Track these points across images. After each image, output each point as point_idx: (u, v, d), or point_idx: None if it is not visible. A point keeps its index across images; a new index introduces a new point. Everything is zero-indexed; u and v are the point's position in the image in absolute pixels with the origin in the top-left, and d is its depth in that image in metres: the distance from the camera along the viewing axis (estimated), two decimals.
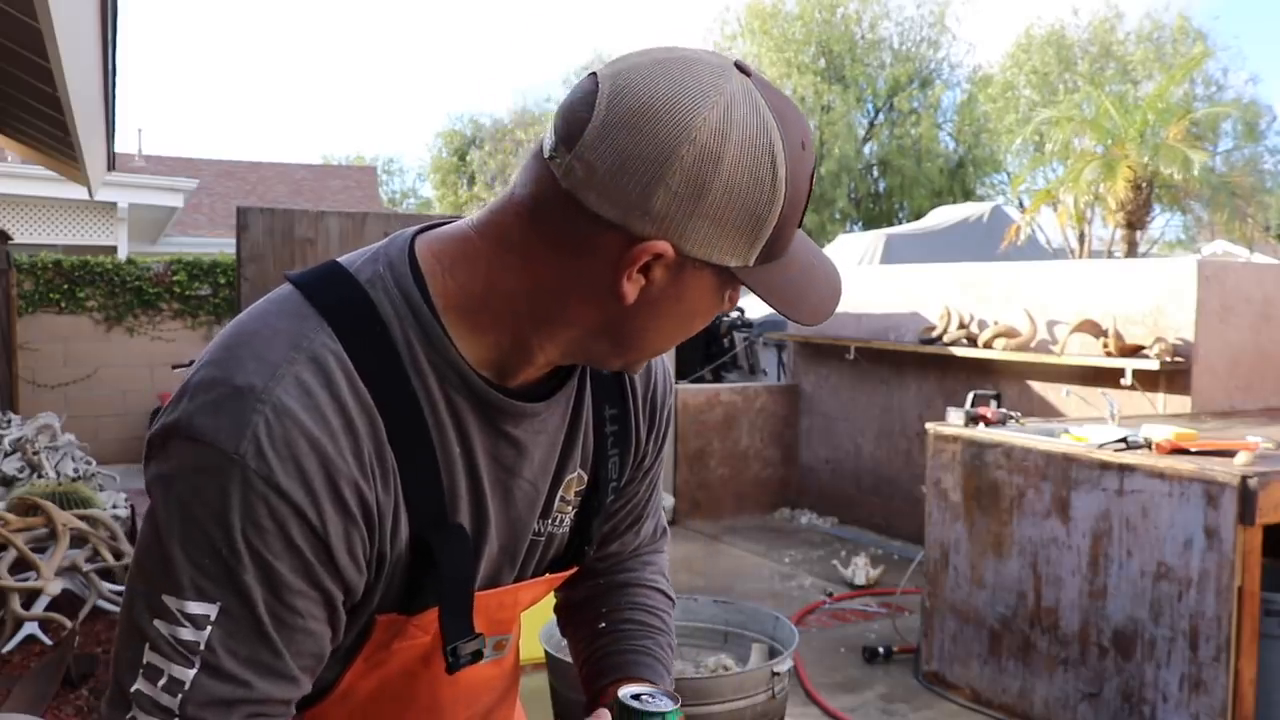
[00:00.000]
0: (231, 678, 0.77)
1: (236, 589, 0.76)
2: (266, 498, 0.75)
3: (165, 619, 0.76)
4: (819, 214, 20.97)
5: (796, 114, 0.81)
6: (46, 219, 12.51)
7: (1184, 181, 12.97)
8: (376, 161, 35.40)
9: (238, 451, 0.75)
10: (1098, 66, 21.89)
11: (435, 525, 0.86)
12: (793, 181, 0.78)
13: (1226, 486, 3.07)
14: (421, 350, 0.83)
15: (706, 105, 0.75)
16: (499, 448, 0.90)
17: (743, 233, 0.78)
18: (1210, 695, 3.11)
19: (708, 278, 0.81)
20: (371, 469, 0.81)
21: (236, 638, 0.77)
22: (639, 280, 0.80)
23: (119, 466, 7.31)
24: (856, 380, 6.98)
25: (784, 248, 0.82)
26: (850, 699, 3.99)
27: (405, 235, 0.89)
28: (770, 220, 0.78)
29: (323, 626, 0.82)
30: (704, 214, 0.77)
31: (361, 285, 0.84)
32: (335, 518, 0.78)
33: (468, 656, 0.92)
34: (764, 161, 0.77)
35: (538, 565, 1.01)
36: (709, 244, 0.78)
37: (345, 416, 0.79)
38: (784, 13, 22.59)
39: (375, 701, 0.94)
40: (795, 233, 0.82)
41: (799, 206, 0.81)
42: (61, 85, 3.70)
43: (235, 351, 0.80)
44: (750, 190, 0.77)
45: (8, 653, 3.28)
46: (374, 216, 5.17)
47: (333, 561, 0.79)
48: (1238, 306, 5.03)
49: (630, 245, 0.78)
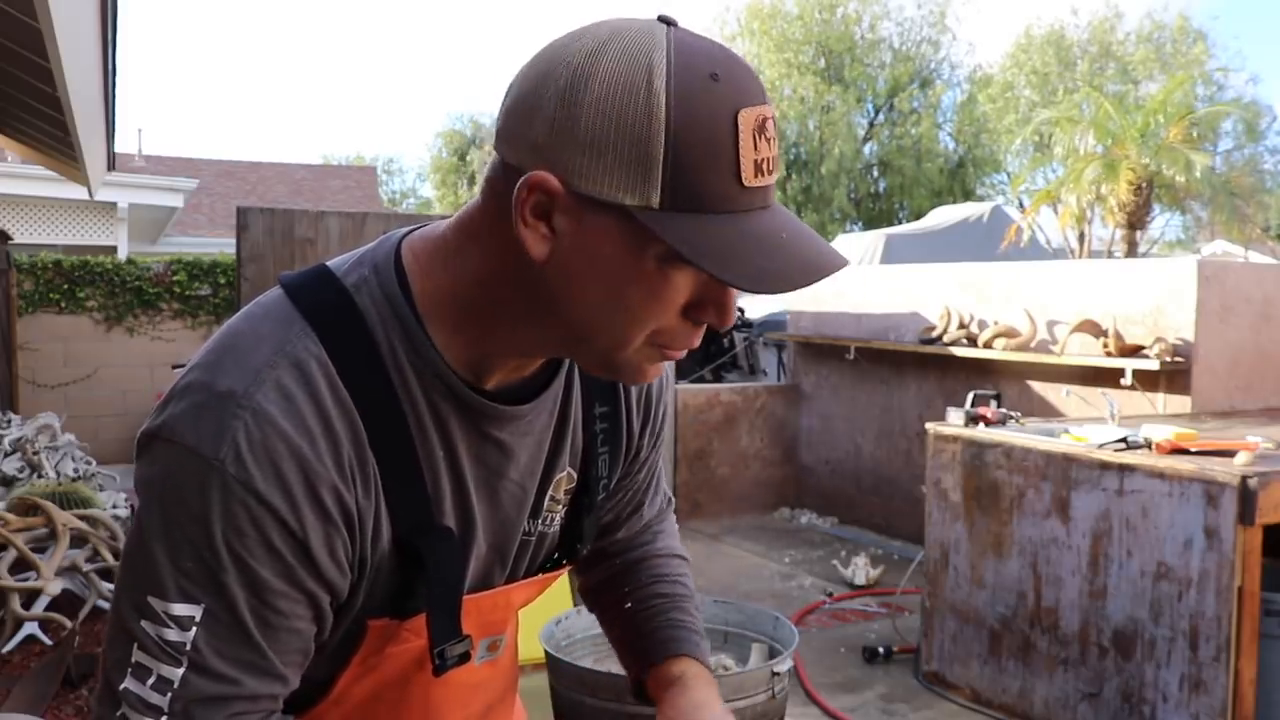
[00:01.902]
0: (220, 676, 0.78)
1: (219, 591, 0.77)
2: (246, 503, 0.76)
3: (151, 619, 0.77)
4: (819, 214, 20.98)
5: (715, 50, 0.75)
6: (46, 219, 12.51)
7: (1184, 182, 12.98)
8: (376, 161, 35.41)
9: (217, 457, 0.76)
10: (1098, 66, 21.90)
11: (420, 529, 0.86)
12: (686, 106, 0.71)
13: (1226, 486, 3.07)
14: (404, 354, 0.84)
15: (590, 34, 0.75)
16: (483, 450, 0.90)
17: (629, 164, 0.72)
18: (1210, 695, 3.11)
19: (612, 225, 0.74)
20: (352, 473, 0.81)
21: (222, 638, 0.78)
22: (539, 229, 0.76)
23: (119, 466, 7.31)
24: (856, 380, 6.98)
25: (710, 199, 0.73)
26: (850, 699, 3.99)
27: (394, 238, 0.89)
28: (655, 146, 0.71)
29: (308, 625, 0.82)
30: (581, 139, 0.72)
31: (347, 289, 0.84)
32: (315, 522, 0.79)
33: (455, 658, 0.92)
34: (638, 76, 0.71)
35: (530, 565, 1.01)
36: (595, 176, 0.72)
37: (325, 421, 0.79)
38: (783, 13, 22.59)
39: (369, 705, 0.94)
40: (736, 190, 0.73)
41: (713, 145, 0.72)
42: (61, 85, 3.70)
43: (220, 356, 0.81)
44: (624, 109, 0.71)
45: (8, 653, 3.28)
46: (374, 216, 5.17)
47: (314, 564, 0.80)
48: (1238, 306, 5.03)
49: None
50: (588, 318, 0.79)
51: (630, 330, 0.79)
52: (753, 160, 0.73)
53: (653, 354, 0.82)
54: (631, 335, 0.79)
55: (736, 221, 0.74)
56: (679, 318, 0.79)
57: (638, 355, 0.82)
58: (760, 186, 0.75)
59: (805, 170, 21.29)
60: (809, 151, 21.39)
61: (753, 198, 0.75)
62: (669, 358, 0.83)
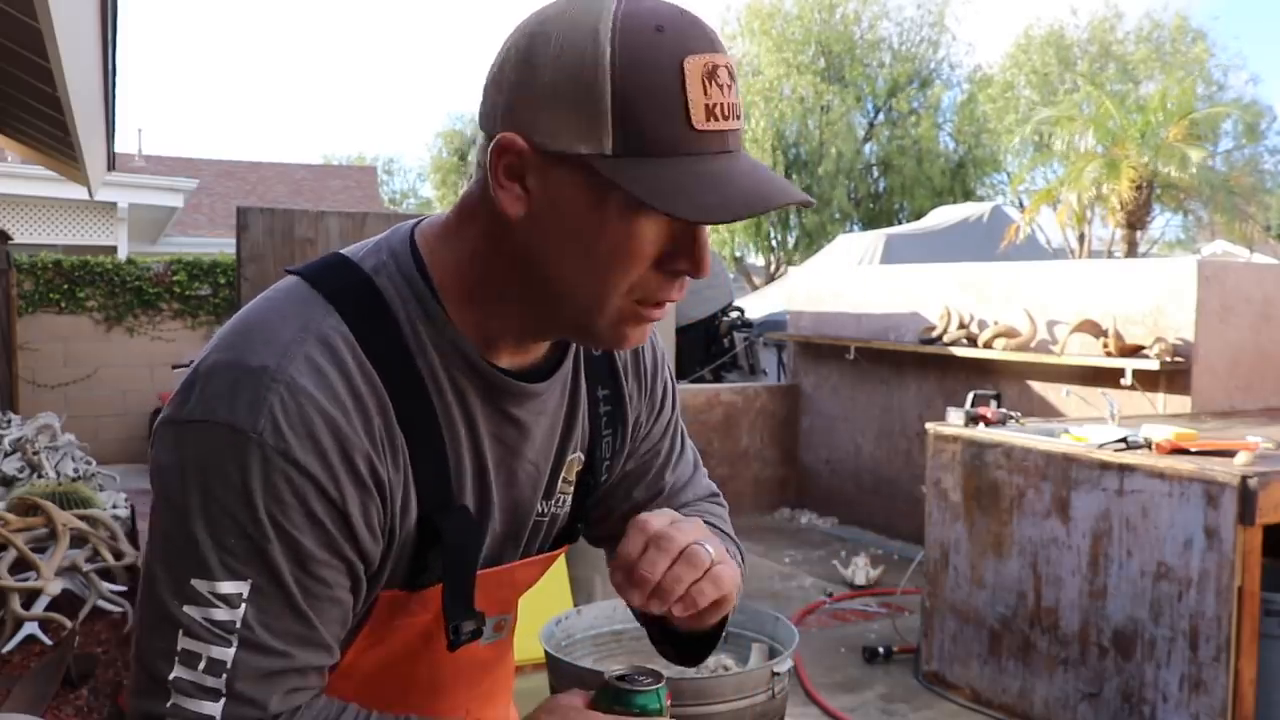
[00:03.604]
0: (272, 651, 0.78)
1: (265, 564, 0.78)
2: (287, 473, 0.77)
3: (196, 603, 0.77)
4: (819, 214, 20.96)
5: (661, 6, 0.77)
6: (46, 219, 12.51)
7: (1184, 182, 12.98)
8: (377, 161, 35.41)
9: (255, 430, 0.77)
10: (1097, 66, 21.90)
11: (441, 505, 0.88)
12: (631, 54, 0.74)
13: (1226, 486, 3.07)
14: (426, 333, 0.86)
15: (548, 2, 0.80)
16: (502, 428, 0.91)
17: (582, 114, 0.75)
18: (1210, 695, 3.11)
19: (576, 177, 0.77)
20: (382, 445, 0.82)
21: (270, 612, 0.78)
22: (514, 190, 0.79)
23: (119, 466, 7.30)
24: (856, 380, 6.98)
25: (660, 143, 0.75)
26: (850, 699, 3.99)
27: (406, 226, 0.91)
28: (603, 94, 0.74)
29: (347, 595, 0.84)
30: (540, 96, 0.76)
31: (366, 272, 0.87)
32: (352, 490, 0.80)
33: (468, 635, 0.93)
34: (587, 31, 0.75)
35: (541, 546, 1.02)
36: (554, 130, 0.76)
37: (355, 394, 0.81)
38: (783, 13, 22.57)
39: (377, 679, 0.95)
40: (687, 133, 0.75)
41: (659, 90, 0.74)
42: (61, 85, 3.70)
43: (244, 337, 0.82)
44: (575, 63, 0.75)
45: (8, 653, 3.28)
46: (374, 216, 5.16)
47: (352, 532, 0.81)
48: (1238, 306, 5.03)
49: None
50: (564, 275, 0.81)
51: (605, 285, 0.80)
52: (703, 104, 0.75)
53: (633, 313, 0.83)
54: (606, 290, 0.81)
55: (689, 163, 0.75)
56: (652, 270, 0.80)
57: (618, 315, 0.82)
58: (715, 131, 0.76)
59: (805, 170, 21.27)
60: (809, 151, 21.37)
61: (707, 141, 0.76)
62: (650, 316, 0.84)
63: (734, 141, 0.78)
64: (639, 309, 0.83)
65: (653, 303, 0.83)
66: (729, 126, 0.77)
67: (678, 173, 0.75)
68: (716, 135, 0.76)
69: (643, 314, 0.83)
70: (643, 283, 0.81)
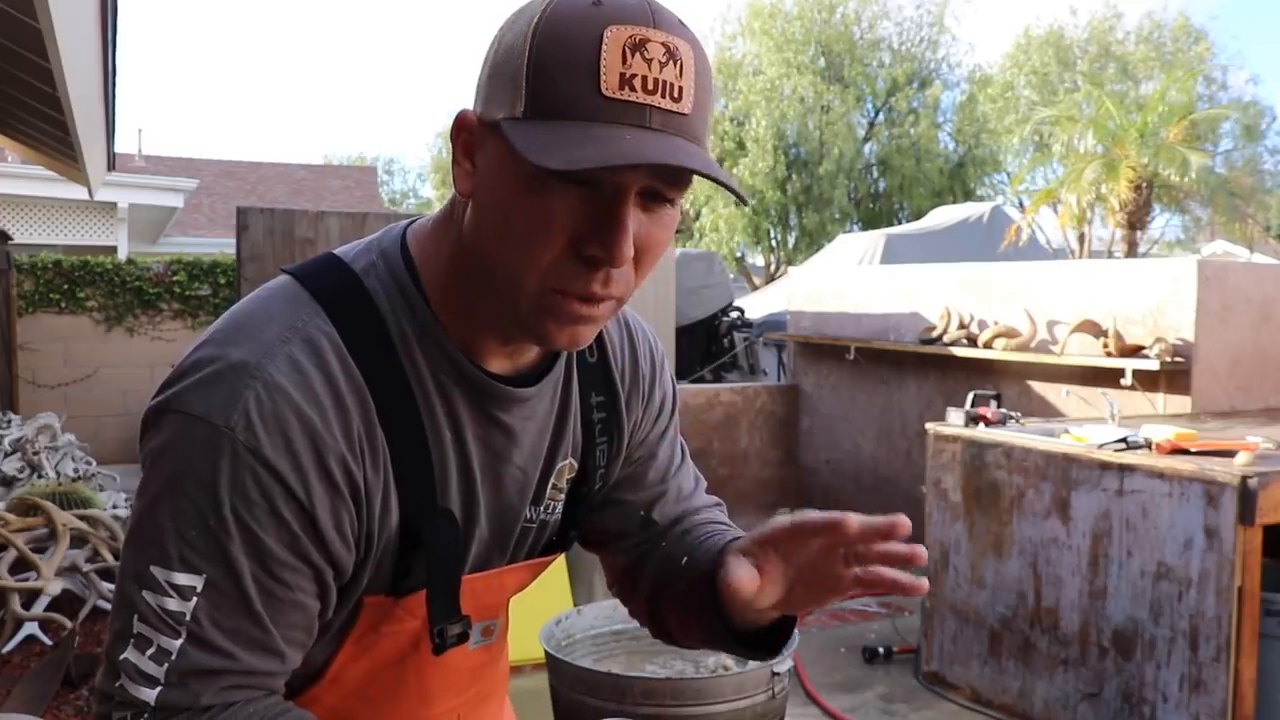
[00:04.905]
0: (217, 649, 0.78)
1: (223, 561, 0.77)
2: (255, 470, 0.77)
3: (153, 590, 0.77)
4: (819, 214, 20.97)
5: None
6: (46, 219, 12.51)
7: (1184, 182, 12.98)
8: (377, 161, 35.42)
9: (228, 425, 0.77)
10: (1097, 66, 21.89)
11: (425, 509, 0.87)
12: (554, 24, 0.73)
13: (1226, 486, 3.07)
14: (414, 336, 0.85)
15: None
16: (489, 433, 0.91)
17: (505, 76, 0.76)
18: (1210, 695, 3.11)
19: (500, 144, 0.76)
20: (361, 448, 0.82)
21: (222, 609, 0.78)
22: (465, 165, 0.80)
23: (119, 466, 7.31)
24: (856, 380, 6.98)
25: (565, 106, 0.73)
26: (850, 699, 3.99)
27: (398, 227, 0.91)
28: (521, 60, 0.74)
29: (311, 600, 0.83)
30: (489, 70, 0.78)
31: (356, 273, 0.86)
32: (323, 493, 0.79)
33: (454, 638, 0.93)
34: (537, 5, 0.76)
35: (529, 552, 1.01)
36: (489, 97, 0.78)
37: (336, 395, 0.81)
38: (783, 13, 22.55)
39: (365, 686, 0.94)
40: (594, 99, 0.72)
41: (572, 55, 0.72)
42: (61, 85, 3.70)
43: (231, 332, 0.82)
44: (511, 40, 0.76)
45: (8, 653, 3.28)
46: (374, 216, 5.16)
47: (320, 536, 0.80)
48: (1238, 306, 5.03)
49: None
50: (491, 250, 0.80)
51: (520, 262, 0.77)
52: (618, 72, 0.72)
53: (554, 304, 0.78)
54: (523, 268, 0.77)
55: (590, 127, 0.72)
56: (568, 254, 0.76)
57: (536, 302, 0.79)
58: (631, 102, 0.72)
59: (805, 170, 21.26)
60: (809, 151, 21.35)
61: (620, 111, 0.72)
62: (574, 311, 0.79)
63: (661, 120, 0.74)
64: (560, 301, 0.78)
65: (574, 295, 0.78)
66: (653, 102, 0.73)
67: (572, 133, 0.72)
68: (634, 107, 0.72)
69: (563, 307, 0.78)
70: (557, 266, 0.77)
